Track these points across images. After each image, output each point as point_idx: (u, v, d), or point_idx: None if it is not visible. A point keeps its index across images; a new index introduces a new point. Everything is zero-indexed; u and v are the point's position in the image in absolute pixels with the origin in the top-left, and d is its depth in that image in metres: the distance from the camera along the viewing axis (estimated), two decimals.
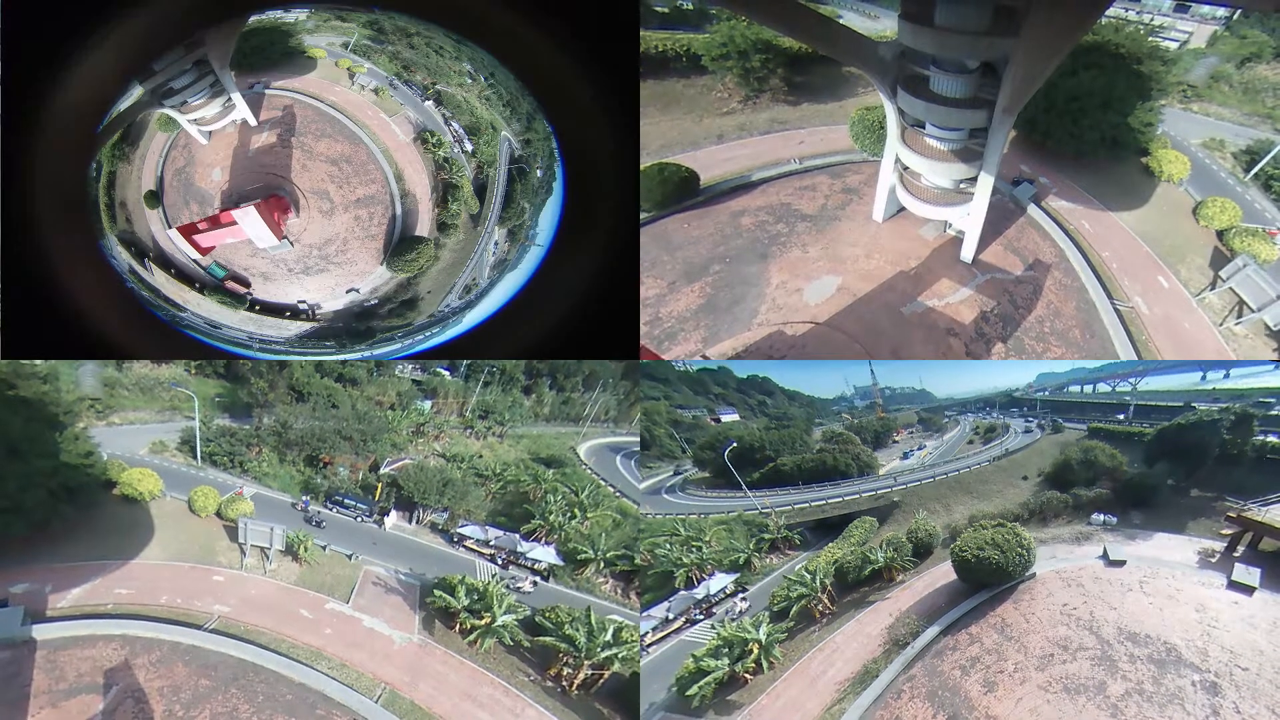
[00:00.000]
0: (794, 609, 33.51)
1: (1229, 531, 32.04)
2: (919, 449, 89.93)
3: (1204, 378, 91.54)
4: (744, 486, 55.49)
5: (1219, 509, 36.69)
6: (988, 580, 30.79)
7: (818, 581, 34.24)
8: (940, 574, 34.78)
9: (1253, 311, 30.22)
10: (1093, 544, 35.06)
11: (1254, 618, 24.95)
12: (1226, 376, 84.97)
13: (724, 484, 58.70)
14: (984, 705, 22.36)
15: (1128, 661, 22.76)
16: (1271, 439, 45.09)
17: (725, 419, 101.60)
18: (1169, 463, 45.80)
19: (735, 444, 65.28)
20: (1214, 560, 30.68)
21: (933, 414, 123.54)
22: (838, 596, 35.46)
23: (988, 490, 56.23)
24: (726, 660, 28.45)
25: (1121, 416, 77.42)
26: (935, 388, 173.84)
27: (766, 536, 48.03)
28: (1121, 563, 31.49)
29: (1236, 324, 30.64)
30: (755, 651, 28.90)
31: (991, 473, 61.76)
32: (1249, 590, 26.86)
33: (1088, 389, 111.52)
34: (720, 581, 39.67)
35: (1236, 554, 30.42)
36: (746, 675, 28.61)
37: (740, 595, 39.79)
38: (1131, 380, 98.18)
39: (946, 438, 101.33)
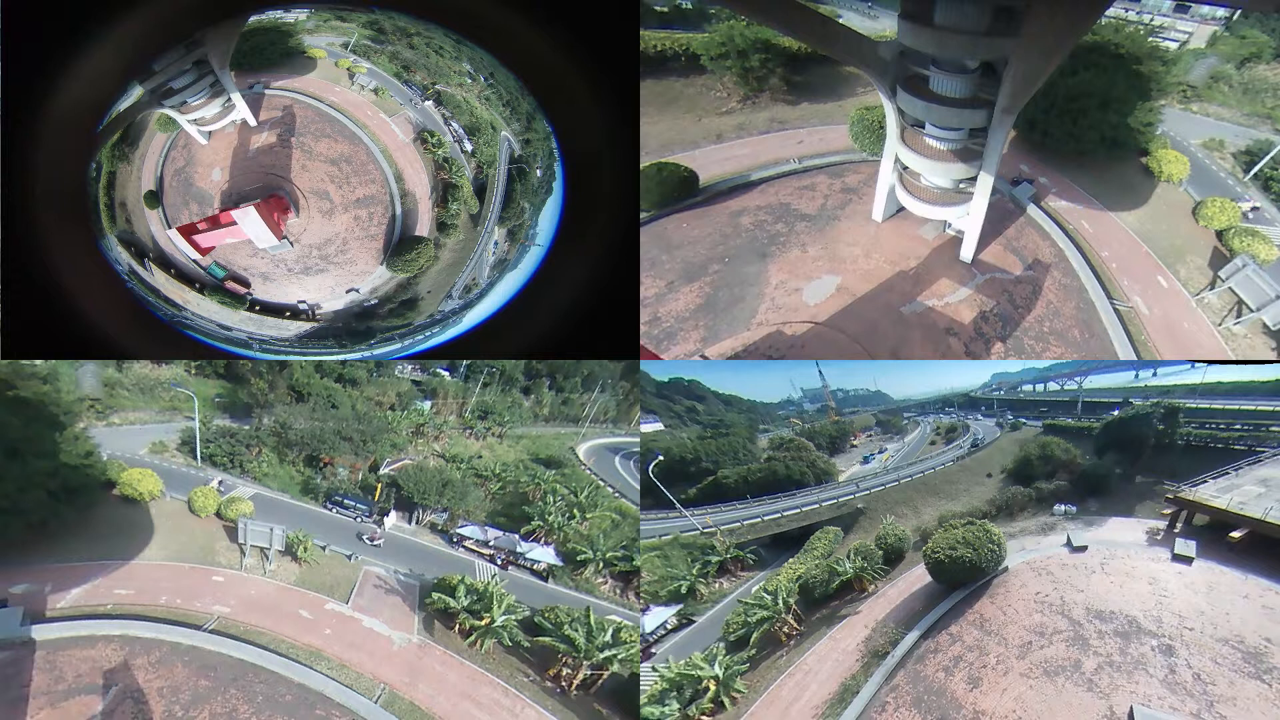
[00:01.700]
0: (755, 635, 31.33)
1: (1168, 511, 36.46)
2: (880, 452, 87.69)
3: (1137, 376, 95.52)
4: (678, 505, 50.00)
5: (1159, 492, 40.47)
6: (963, 579, 30.81)
7: (780, 601, 32.13)
8: (915, 578, 34.40)
9: (1252, 311, 30.24)
10: (1057, 533, 37.69)
11: (1194, 584, 28.49)
12: (1154, 375, 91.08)
13: (652, 504, 52.12)
14: (970, 702, 22.44)
15: (1097, 638, 24.61)
16: (1192, 429, 53.50)
17: (646, 429, 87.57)
18: (1115, 453, 51.60)
19: (662, 457, 59.54)
20: (1159, 538, 34.63)
21: (891, 416, 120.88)
22: (804, 615, 33.81)
23: (954, 490, 56.30)
24: (677, 705, 26.59)
25: (1073, 414, 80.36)
26: (891, 389, 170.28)
27: (714, 559, 43.72)
28: (1083, 548, 33.95)
29: (1235, 324, 30.65)
30: (712, 689, 26.76)
31: (957, 472, 62.05)
32: (1189, 560, 30.61)
33: (1039, 388, 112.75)
34: (657, 617, 36.64)
35: (1176, 530, 34.79)
36: (704, 717, 26.46)
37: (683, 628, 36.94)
38: (1077, 379, 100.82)
39: (908, 440, 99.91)
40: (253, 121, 35.56)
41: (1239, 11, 53.65)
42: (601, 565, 40.72)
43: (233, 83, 32.90)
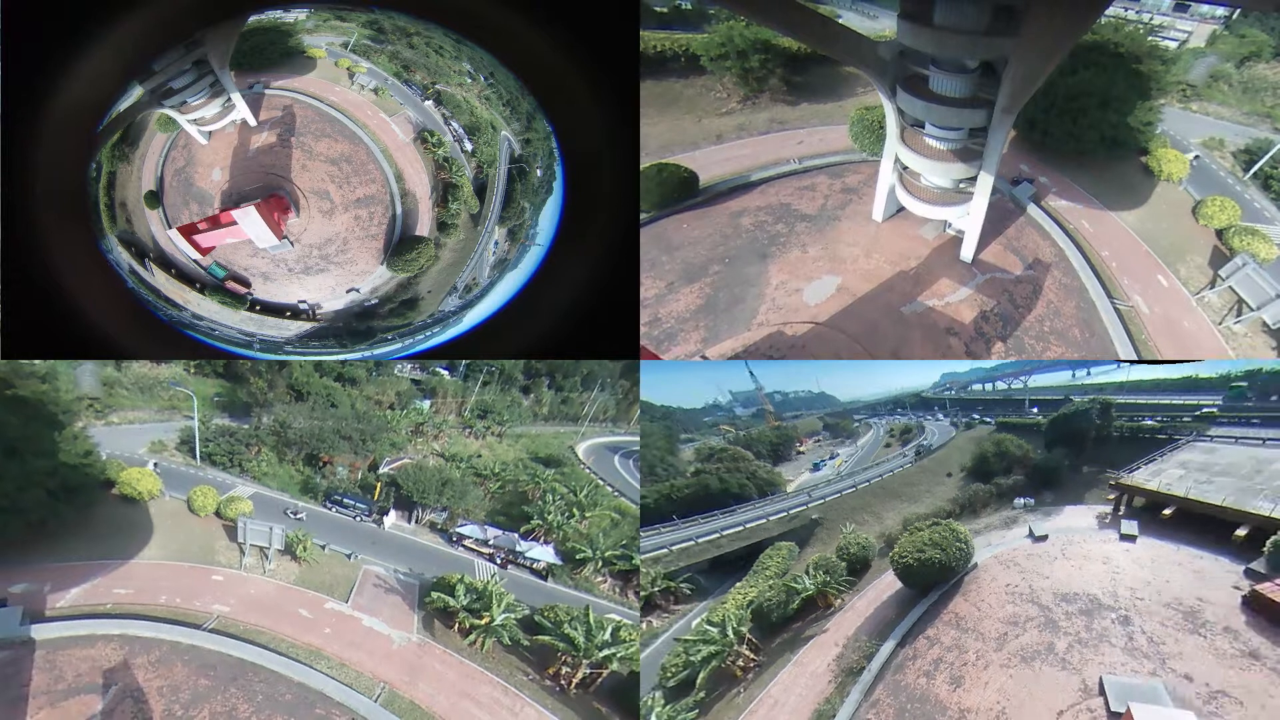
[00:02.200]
0: (701, 675, 28.34)
1: (1112, 497, 40.08)
2: (831, 458, 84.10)
3: (1074, 375, 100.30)
4: None
5: (1103, 480, 45.13)
6: (934, 580, 30.58)
7: (730, 632, 29.36)
8: (884, 586, 33.83)
9: (1252, 310, 30.25)
10: (1019, 526, 39.72)
11: (1140, 559, 31.31)
12: (1088, 374, 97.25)
13: None
14: (955, 701, 22.46)
15: (1065, 619, 26.06)
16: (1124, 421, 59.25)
17: None
18: (1062, 447, 54.58)
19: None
20: (1107, 521, 37.95)
21: (839, 419, 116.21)
22: (762, 643, 31.56)
23: (915, 492, 55.79)
24: None
25: (1023, 412, 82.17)
26: (837, 391, 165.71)
27: (640, 594, 39.92)
28: (1044, 537, 36.09)
29: (1236, 322, 30.66)
30: None
31: (916, 474, 61.65)
32: (1133, 539, 33.64)
33: (988, 387, 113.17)
34: None
35: (1120, 513, 38.04)
36: None
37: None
38: (1022, 378, 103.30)
39: (860, 443, 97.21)
40: (253, 121, 35.56)
41: (1238, 10, 53.68)
42: (601, 564, 40.73)
43: (233, 83, 32.89)
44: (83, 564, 29.45)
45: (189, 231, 33.77)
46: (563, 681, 30.04)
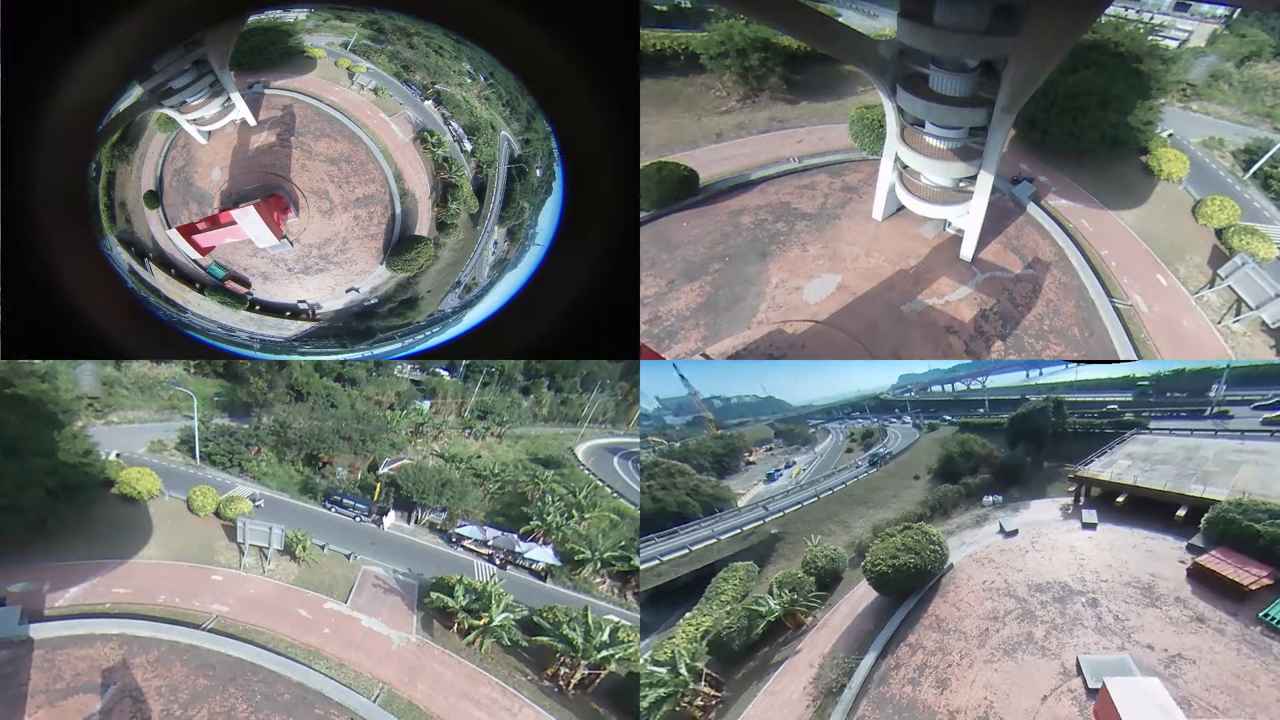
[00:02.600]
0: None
1: (1072, 489, 42.01)
2: (787, 467, 79.56)
3: (1028, 375, 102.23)
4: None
5: (1063, 474, 46.98)
6: (911, 585, 29.92)
7: (683, 669, 26.66)
8: (858, 598, 32.93)
9: (1251, 309, 30.25)
10: (990, 523, 40.46)
11: (1101, 544, 32.93)
12: (1040, 374, 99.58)
13: None
14: (943, 704, 22.21)
15: (1040, 607, 26.76)
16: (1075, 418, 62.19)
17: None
18: (1024, 444, 56.39)
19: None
20: (1070, 512, 39.64)
21: (792, 425, 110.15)
22: (723, 677, 29.43)
23: (883, 497, 54.85)
24: None
25: (983, 412, 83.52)
26: (788, 395, 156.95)
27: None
28: (1015, 532, 36.96)
29: (1235, 322, 30.67)
30: None
31: (882, 479, 60.95)
32: (1094, 526, 35.39)
33: (949, 388, 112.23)
34: None
35: (1081, 504, 39.75)
36: None
37: None
38: (980, 379, 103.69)
39: (819, 449, 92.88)
40: (252, 121, 35.53)
41: (1239, 10, 53.66)
42: (600, 565, 40.72)
43: (232, 82, 32.86)
44: (82, 563, 29.44)
45: (188, 231, 33.75)
46: (561, 682, 30.04)
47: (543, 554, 40.24)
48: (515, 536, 41.97)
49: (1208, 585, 25.16)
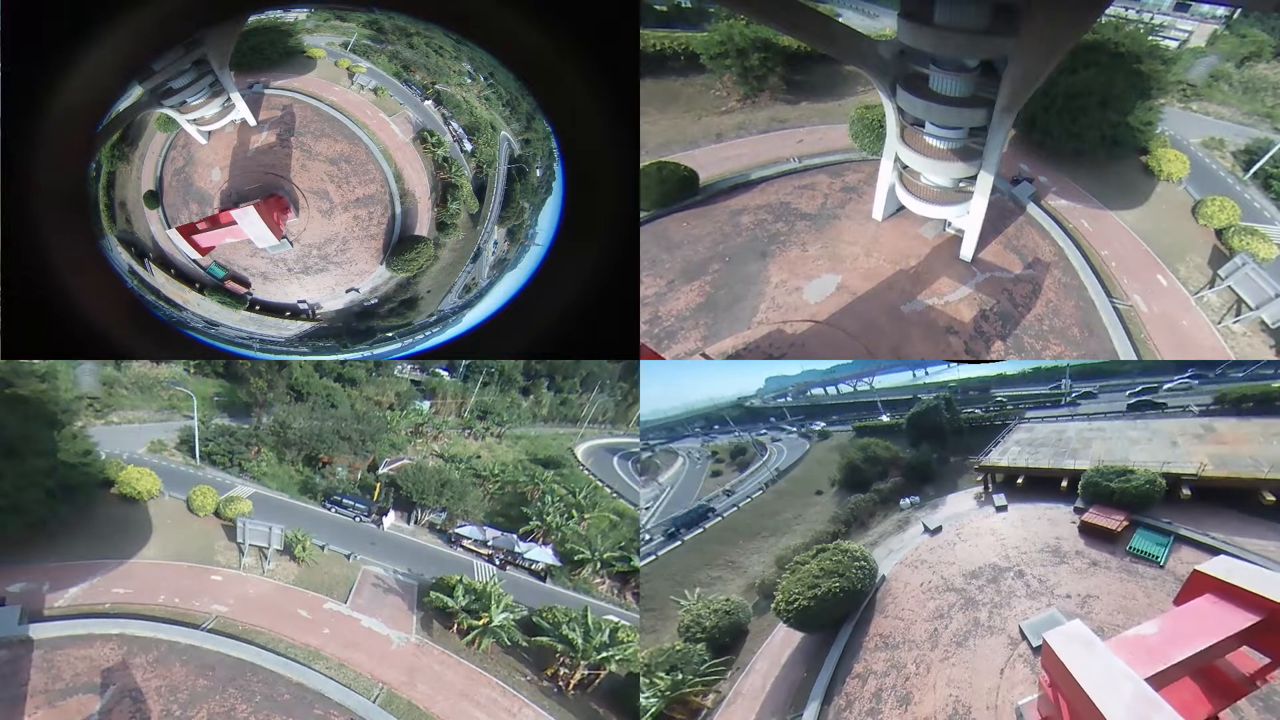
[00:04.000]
0: None
1: (980, 478, 44.77)
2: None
3: (914, 375, 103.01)
4: None
5: (969, 465, 48.99)
6: (842, 612, 27.71)
7: None
8: (778, 646, 30.33)
9: (1251, 310, 30.23)
10: (913, 525, 41.24)
11: (1014, 522, 35.86)
12: (926, 373, 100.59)
13: None
14: (910, 718, 21.72)
15: (979, 591, 28.18)
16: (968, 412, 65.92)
17: None
18: (927, 443, 56.97)
19: None
20: (982, 499, 41.99)
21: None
22: None
23: (781, 523, 50.01)
24: None
25: (876, 414, 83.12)
26: None
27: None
28: (939, 529, 38.13)
29: (1235, 322, 30.65)
30: None
31: (774, 501, 56.00)
32: (1005, 508, 38.30)
33: (832, 390, 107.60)
34: None
35: (990, 490, 42.42)
36: None
37: None
38: (866, 379, 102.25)
39: (664, 478, 79.35)
40: (252, 121, 35.54)
41: (1239, 10, 53.66)
42: (599, 565, 40.74)
43: (232, 82, 32.86)
44: (82, 563, 29.42)
45: (188, 231, 33.76)
46: (561, 682, 30.05)
47: (542, 554, 40.25)
48: (515, 537, 41.98)
49: (1092, 535, 30.51)
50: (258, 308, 35.67)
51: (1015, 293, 30.93)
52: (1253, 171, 40.17)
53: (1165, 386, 64.37)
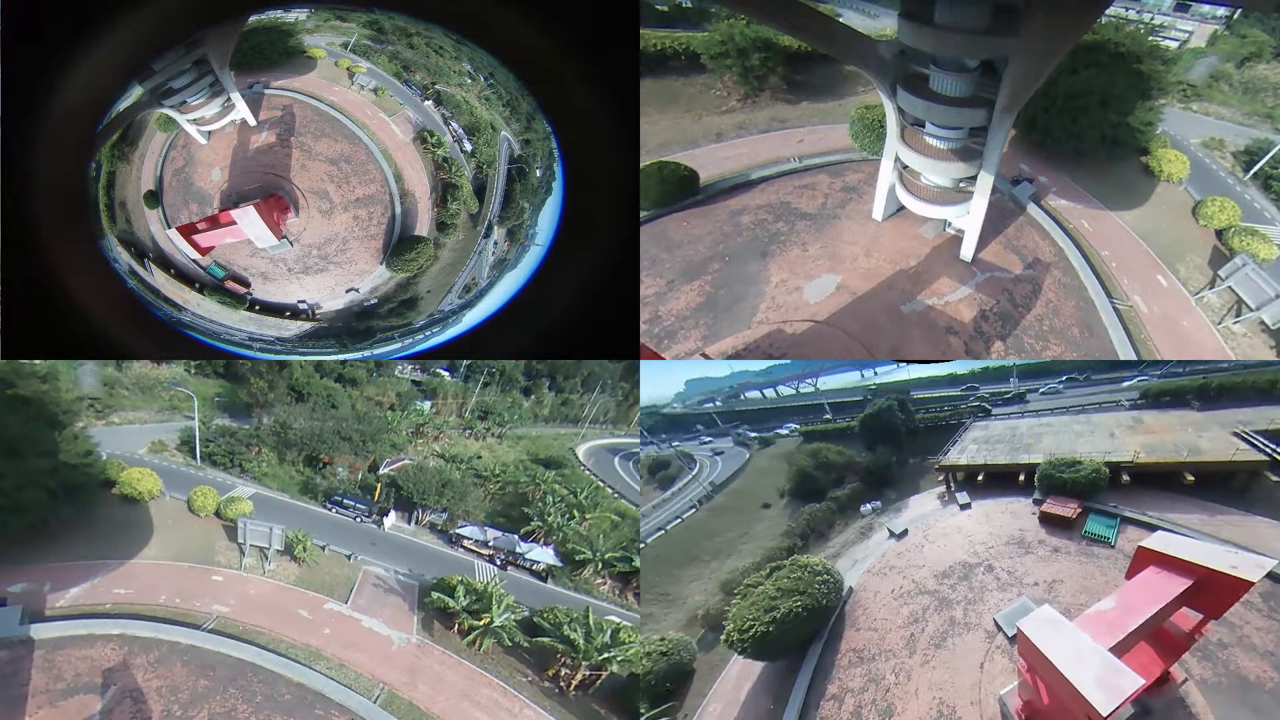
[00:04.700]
0: None
1: (941, 478, 44.72)
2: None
3: (862, 375, 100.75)
4: None
5: (929, 466, 48.74)
6: (807, 633, 25.70)
7: None
8: (733, 682, 28.27)
9: (1251, 310, 30.21)
10: (878, 531, 40.46)
11: (978, 519, 36.48)
12: (875, 374, 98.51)
13: None
14: None
15: (952, 590, 28.35)
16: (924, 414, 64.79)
17: None
18: (883, 445, 55.57)
19: None
20: (946, 499, 42.06)
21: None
22: None
23: (724, 543, 45.39)
24: None
25: (828, 417, 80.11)
26: None
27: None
28: (905, 532, 37.76)
29: (1235, 323, 30.64)
30: None
31: (713, 520, 51.12)
32: (969, 506, 38.80)
33: (769, 393, 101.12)
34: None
35: (953, 489, 42.36)
36: None
37: None
38: (809, 380, 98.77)
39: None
40: (252, 121, 35.55)
41: (1239, 11, 53.64)
42: (600, 566, 40.73)
43: (232, 82, 32.89)
44: (82, 564, 29.43)
45: (188, 231, 33.78)
46: (562, 683, 30.05)
47: (543, 554, 40.25)
48: (516, 537, 41.98)
49: (1052, 524, 32.12)
50: (258, 308, 35.70)
51: (1015, 293, 30.92)
52: (1253, 172, 40.15)
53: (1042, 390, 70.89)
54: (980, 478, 41.39)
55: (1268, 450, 30.94)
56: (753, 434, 78.48)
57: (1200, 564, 14.39)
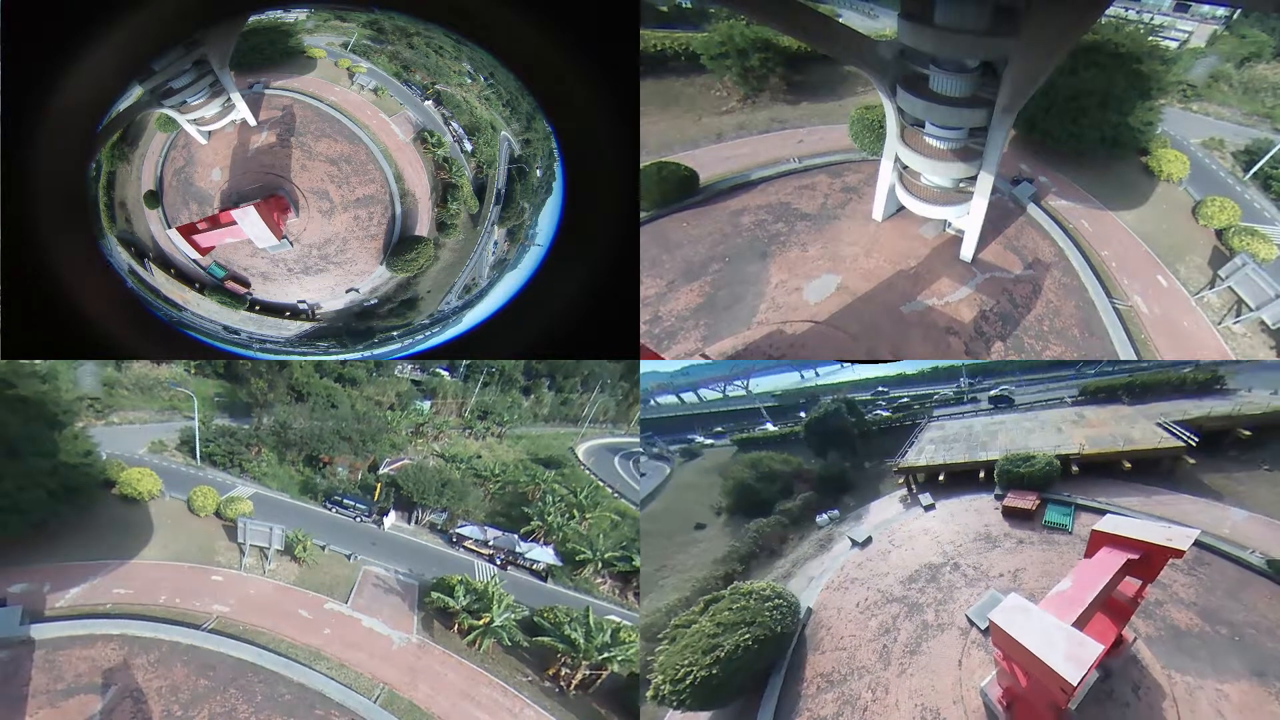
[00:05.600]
0: None
1: (901, 480, 44.24)
2: None
3: (802, 376, 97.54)
4: None
5: (887, 469, 47.82)
6: (762, 667, 23.16)
7: None
8: None
9: (1251, 310, 30.22)
10: (838, 541, 38.22)
11: (943, 518, 36.56)
12: (817, 375, 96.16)
13: None
14: None
15: (920, 593, 28.02)
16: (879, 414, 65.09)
17: None
18: (834, 450, 53.36)
19: None
20: (908, 502, 41.63)
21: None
22: None
23: (641, 579, 40.19)
24: None
25: (761, 423, 75.19)
26: None
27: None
28: (868, 540, 36.33)
29: (1235, 323, 30.64)
30: None
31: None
32: (933, 506, 38.66)
33: (689, 398, 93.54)
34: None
35: (914, 491, 42.16)
36: None
37: None
38: (738, 382, 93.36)
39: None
40: (253, 121, 35.56)
41: (1239, 11, 53.66)
42: (600, 565, 40.74)
43: (233, 82, 32.89)
44: (83, 564, 29.44)
45: (188, 231, 33.77)
46: (562, 682, 30.05)
47: (543, 554, 40.26)
48: (516, 536, 41.99)
49: (1014, 517, 33.36)
50: (258, 308, 35.70)
51: (1015, 293, 30.92)
52: (1253, 172, 40.16)
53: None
54: (941, 477, 41.47)
55: (1183, 438, 34.83)
56: (673, 446, 69.75)
57: (1144, 540, 16.53)
